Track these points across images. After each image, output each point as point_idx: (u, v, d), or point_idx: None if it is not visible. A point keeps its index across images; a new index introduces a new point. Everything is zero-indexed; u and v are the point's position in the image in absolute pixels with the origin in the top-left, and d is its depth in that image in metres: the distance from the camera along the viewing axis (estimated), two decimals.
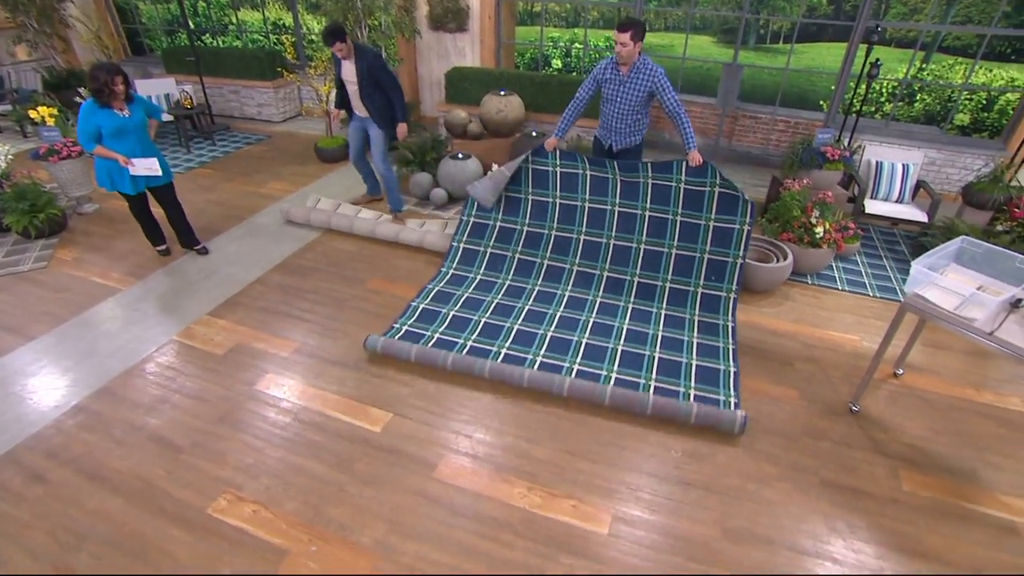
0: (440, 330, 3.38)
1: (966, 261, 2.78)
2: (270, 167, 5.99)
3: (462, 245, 4.07)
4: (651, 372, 3.09)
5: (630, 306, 3.64)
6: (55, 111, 4.76)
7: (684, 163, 3.57)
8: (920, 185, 4.55)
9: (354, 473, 2.53)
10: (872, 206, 4.46)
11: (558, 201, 3.93)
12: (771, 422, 2.89)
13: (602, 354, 3.22)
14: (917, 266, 2.56)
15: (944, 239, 4.09)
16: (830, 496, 2.50)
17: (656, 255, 3.73)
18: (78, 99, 6.23)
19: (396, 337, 3.28)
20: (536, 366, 3.09)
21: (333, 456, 2.61)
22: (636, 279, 3.74)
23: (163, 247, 4.27)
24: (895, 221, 4.67)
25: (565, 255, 3.89)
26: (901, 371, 3.22)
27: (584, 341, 3.32)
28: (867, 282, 4.08)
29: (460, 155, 4.98)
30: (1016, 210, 4.05)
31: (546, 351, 3.23)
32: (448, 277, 3.91)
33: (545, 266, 3.90)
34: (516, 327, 3.43)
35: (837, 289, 4.01)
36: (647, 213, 3.75)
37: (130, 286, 3.91)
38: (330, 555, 2.19)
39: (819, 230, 3.90)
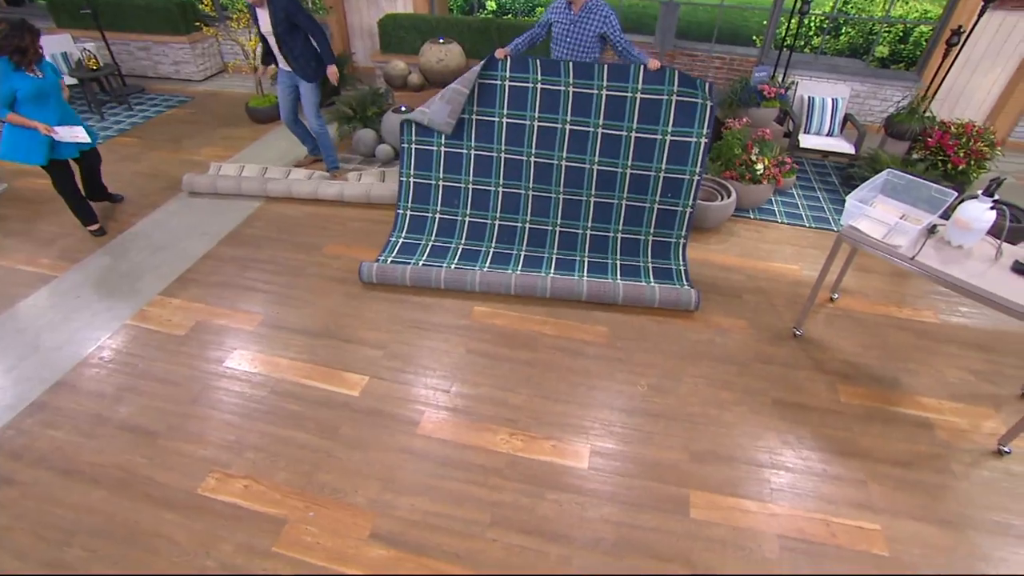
0: (421, 261, 3.61)
1: (891, 192, 3.04)
2: (199, 131, 5.59)
3: (411, 180, 3.91)
4: (616, 275, 3.54)
5: (588, 233, 3.81)
6: None
7: (643, 67, 3.41)
8: (847, 118, 4.83)
9: (339, 438, 2.59)
10: (806, 140, 4.72)
11: (504, 120, 3.71)
12: (724, 351, 3.14)
13: (571, 265, 3.65)
14: (851, 200, 2.78)
15: (869, 169, 4.41)
16: (780, 413, 2.79)
17: (610, 175, 3.68)
18: None
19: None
20: (514, 284, 3.39)
21: (315, 424, 2.66)
22: (592, 199, 3.75)
23: (96, 227, 3.99)
24: (826, 154, 4.96)
25: (518, 180, 3.80)
26: (836, 295, 3.54)
27: (553, 269, 3.61)
28: (803, 214, 4.37)
29: (403, 108, 4.82)
30: (929, 139, 4.38)
31: (522, 267, 3.57)
32: (408, 220, 3.90)
33: (500, 194, 3.83)
34: (490, 253, 3.71)
35: (777, 222, 4.28)
36: (600, 131, 3.60)
37: (65, 271, 3.67)
38: (328, 518, 2.27)
39: (759, 167, 4.10)
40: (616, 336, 3.20)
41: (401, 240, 3.81)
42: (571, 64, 3.49)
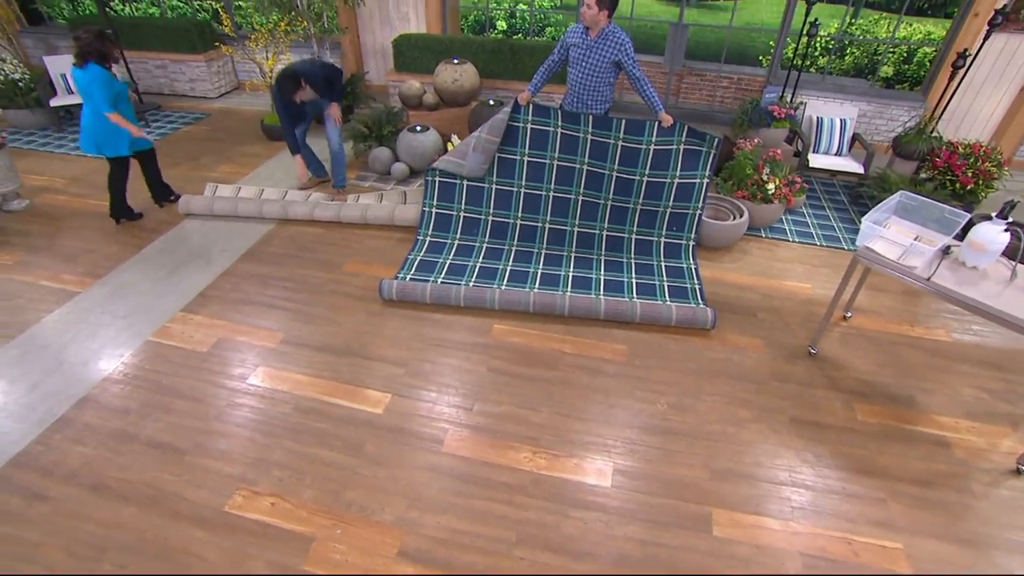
0: (440, 278, 3.68)
1: (904, 213, 3.09)
2: (216, 148, 5.68)
3: (434, 210, 4.11)
4: (632, 294, 3.64)
5: (602, 258, 3.97)
6: None
7: (657, 125, 3.70)
8: (856, 138, 4.90)
9: (364, 455, 2.62)
10: (815, 160, 4.79)
11: (526, 159, 3.93)
12: (741, 370, 3.18)
13: (587, 283, 3.73)
14: (866, 222, 2.84)
15: (878, 188, 4.48)
16: (798, 431, 2.82)
17: (622, 211, 3.94)
18: None
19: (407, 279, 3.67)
20: (533, 302, 3.45)
21: (340, 441, 2.69)
22: (605, 232, 3.99)
23: (138, 213, 4.47)
24: (834, 173, 5.03)
25: (536, 213, 4.01)
26: (850, 314, 3.58)
27: (569, 288, 3.69)
28: (814, 232, 4.43)
29: (418, 127, 4.91)
30: (937, 160, 4.46)
31: (540, 285, 3.67)
32: (426, 245, 4.01)
33: (519, 226, 4.03)
34: (508, 272, 3.78)
35: (788, 241, 4.34)
36: (615, 173, 3.85)
37: (88, 287, 3.72)
38: (356, 536, 2.30)
39: (771, 186, 4.17)
40: (634, 354, 3.24)
41: (419, 258, 3.87)
42: (591, 116, 3.74)
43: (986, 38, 4.45)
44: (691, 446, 2.72)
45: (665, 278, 3.78)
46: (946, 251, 2.82)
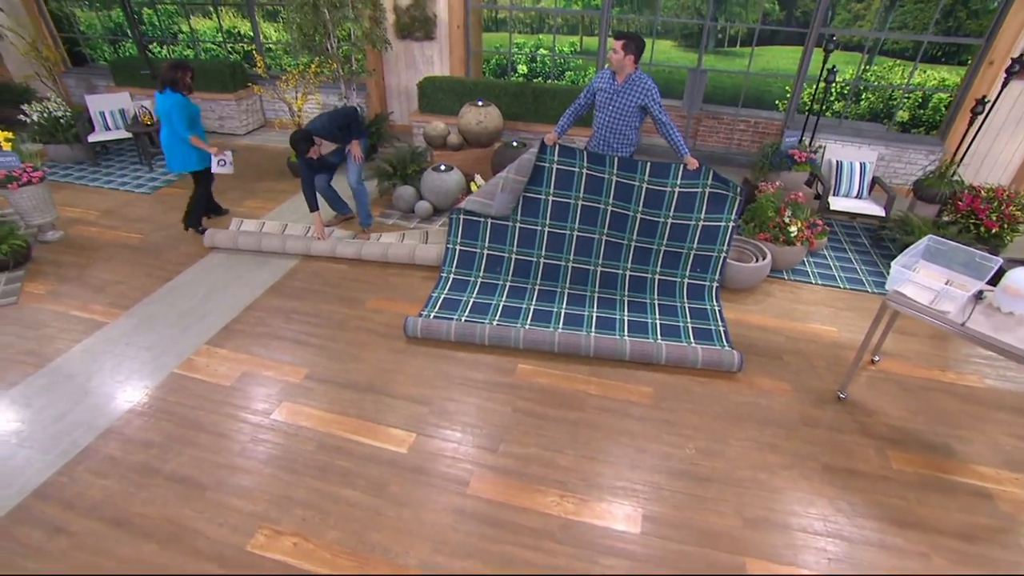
0: (464, 316, 3.71)
1: (932, 257, 3.08)
2: (242, 184, 5.83)
3: (457, 248, 4.15)
4: (657, 335, 3.63)
5: (626, 298, 3.97)
6: (11, 135, 4.49)
7: (682, 168, 3.74)
8: (875, 181, 4.93)
9: (389, 496, 2.58)
10: (835, 203, 4.81)
11: (551, 198, 3.96)
12: (769, 414, 3.12)
13: (612, 324, 3.71)
14: (896, 266, 2.83)
15: (901, 231, 4.47)
16: (831, 479, 2.74)
17: (646, 251, 3.94)
18: (22, 117, 5.91)
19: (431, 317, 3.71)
20: (557, 342, 3.45)
21: (364, 481, 2.65)
22: (628, 272, 3.99)
23: (225, 208, 5.15)
24: (853, 215, 5.04)
25: (560, 252, 4.02)
26: (878, 358, 3.52)
27: (593, 328, 3.68)
28: (836, 275, 4.41)
29: (443, 167, 5.01)
30: (959, 203, 4.46)
31: (563, 325, 3.68)
32: (451, 281, 4.05)
33: (542, 264, 4.05)
34: (531, 311, 3.79)
35: (811, 283, 4.32)
36: (639, 215, 3.86)
37: (115, 319, 3.77)
38: None
39: (793, 229, 4.18)
40: (660, 397, 3.19)
41: (444, 296, 3.90)
42: (616, 158, 3.79)
43: (1004, 85, 4.51)
44: (721, 492, 2.65)
45: (689, 319, 3.76)
46: (979, 296, 2.79)
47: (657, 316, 3.78)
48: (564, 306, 3.85)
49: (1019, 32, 4.89)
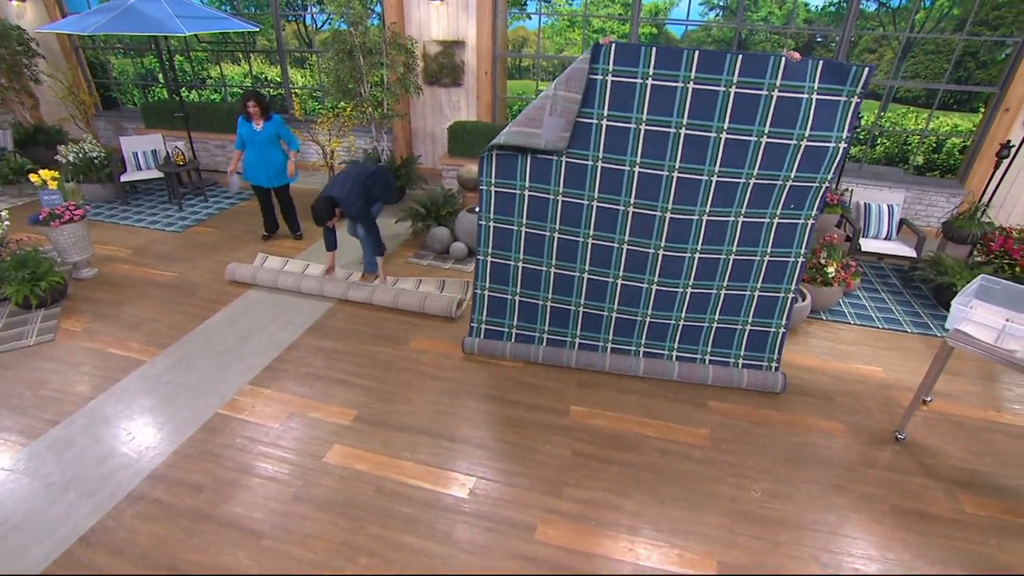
0: (515, 322, 3.75)
1: (986, 296, 3.09)
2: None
3: (488, 260, 3.64)
4: (707, 345, 3.59)
5: (690, 288, 3.44)
6: (56, 174, 4.54)
7: (783, 60, 2.82)
8: (903, 223, 5.01)
9: (454, 543, 2.48)
10: (866, 244, 4.87)
11: (604, 122, 3.09)
12: (829, 455, 3.05)
13: (664, 332, 3.61)
14: (956, 304, 2.83)
15: (933, 271, 4.51)
16: (903, 523, 2.66)
17: (731, 186, 3.11)
18: (59, 157, 5.99)
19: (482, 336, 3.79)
20: (608, 351, 3.62)
21: (427, 527, 2.55)
22: (697, 255, 3.33)
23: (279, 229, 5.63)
24: (882, 256, 5.09)
25: (612, 231, 3.36)
26: (930, 398, 3.49)
27: (647, 321, 3.59)
28: (872, 315, 4.42)
29: (478, 208, 5.06)
30: (991, 244, 4.52)
31: (614, 336, 3.66)
32: (487, 301, 3.76)
33: (590, 246, 3.43)
34: (581, 311, 3.67)
35: (849, 323, 4.32)
36: (724, 136, 2.98)
37: (153, 356, 3.71)
38: None
39: (830, 270, 4.21)
40: (718, 438, 3.13)
41: (483, 327, 3.80)
42: (696, 52, 2.92)
43: None
44: (796, 536, 2.56)
45: (758, 286, 3.42)
46: None
47: (712, 338, 3.59)
48: (611, 336, 3.65)
49: None
